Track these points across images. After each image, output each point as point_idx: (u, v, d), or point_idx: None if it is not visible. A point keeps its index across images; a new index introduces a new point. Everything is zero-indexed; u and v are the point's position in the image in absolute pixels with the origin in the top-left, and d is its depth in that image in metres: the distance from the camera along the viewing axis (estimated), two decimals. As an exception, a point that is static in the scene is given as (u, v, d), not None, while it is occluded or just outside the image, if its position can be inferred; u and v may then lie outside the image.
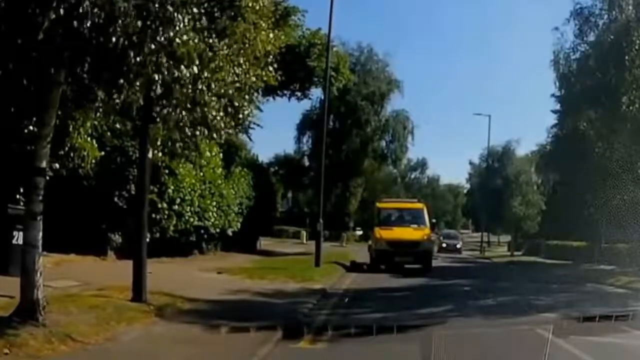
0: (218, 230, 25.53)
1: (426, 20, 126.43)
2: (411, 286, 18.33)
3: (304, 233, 47.74)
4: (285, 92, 31.53)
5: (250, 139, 32.59)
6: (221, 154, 25.56)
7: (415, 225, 25.27)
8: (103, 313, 8.99)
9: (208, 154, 24.13)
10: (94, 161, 10.45)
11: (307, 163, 55.73)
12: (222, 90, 9.82)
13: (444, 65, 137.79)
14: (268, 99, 31.33)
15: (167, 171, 20.54)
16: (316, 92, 34.78)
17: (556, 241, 43.48)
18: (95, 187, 19.00)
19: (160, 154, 13.13)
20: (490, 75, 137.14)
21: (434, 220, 28.93)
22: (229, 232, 27.18)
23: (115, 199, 19.33)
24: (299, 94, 31.86)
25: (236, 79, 10.21)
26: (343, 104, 49.84)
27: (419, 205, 27.65)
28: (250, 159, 33.09)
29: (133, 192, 19.40)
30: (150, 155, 10.73)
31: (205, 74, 8.98)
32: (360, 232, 72.42)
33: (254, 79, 10.83)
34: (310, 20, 43.04)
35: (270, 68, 11.69)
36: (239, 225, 28.10)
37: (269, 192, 35.16)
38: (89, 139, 14.77)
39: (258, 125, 31.95)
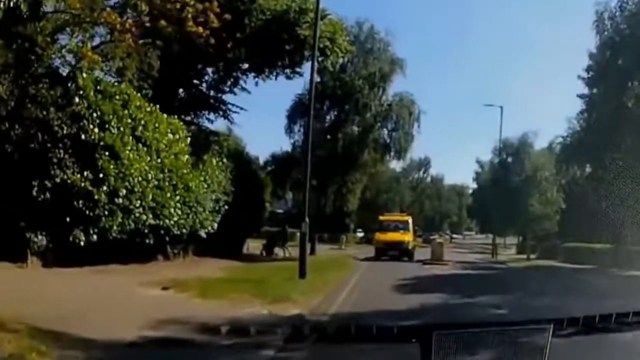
0: (185, 231, 20.80)
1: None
2: (426, 308, 12.93)
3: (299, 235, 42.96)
4: (272, 70, 26.89)
5: (231, 122, 28.48)
6: (189, 139, 20.98)
7: (402, 231, 37.50)
8: None
9: (170, 136, 19.57)
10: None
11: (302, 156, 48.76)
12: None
13: (449, 56, 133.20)
14: (257, 80, 27.09)
15: (106, 153, 15.83)
16: (309, 70, 29.91)
17: (574, 243, 39.49)
18: (13, 174, 14.78)
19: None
20: (503, 66, 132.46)
21: (416, 228, 46.09)
22: (202, 233, 22.49)
23: (35, 190, 14.81)
24: (288, 70, 26.96)
25: None
26: (339, 86, 43.62)
27: (407, 217, 41.51)
28: (232, 149, 28.22)
29: (58, 180, 15.10)
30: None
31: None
32: (362, 234, 67.57)
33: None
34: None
35: None
36: (215, 225, 23.41)
37: (256, 187, 30.27)
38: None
39: (241, 108, 27.87)
